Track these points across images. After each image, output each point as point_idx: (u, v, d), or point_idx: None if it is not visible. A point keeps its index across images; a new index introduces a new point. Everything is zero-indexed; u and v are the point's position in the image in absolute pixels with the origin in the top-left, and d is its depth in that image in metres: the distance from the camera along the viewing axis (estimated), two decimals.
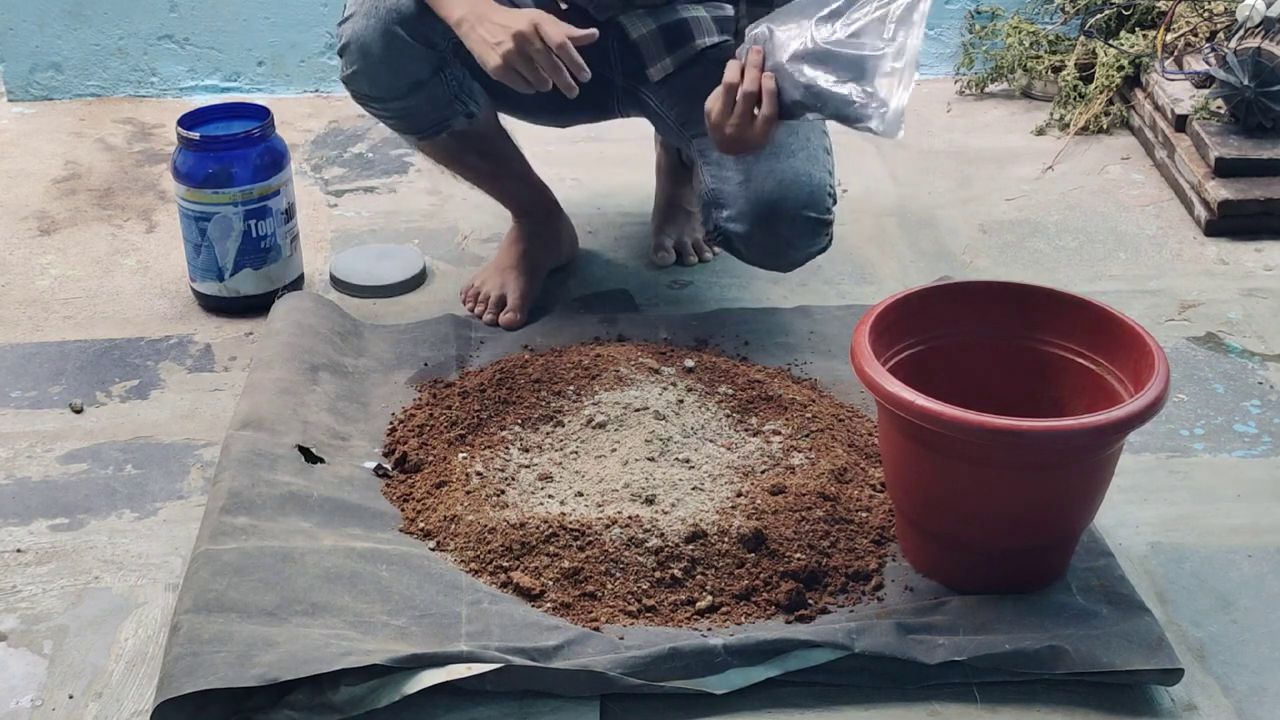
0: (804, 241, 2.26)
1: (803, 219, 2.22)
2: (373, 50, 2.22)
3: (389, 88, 2.26)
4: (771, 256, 2.30)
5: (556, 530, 1.87)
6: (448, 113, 2.32)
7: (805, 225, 2.23)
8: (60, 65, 3.40)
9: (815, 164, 2.25)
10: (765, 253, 2.29)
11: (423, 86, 2.27)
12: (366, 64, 2.24)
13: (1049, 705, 1.70)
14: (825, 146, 2.30)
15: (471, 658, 1.68)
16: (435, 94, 2.29)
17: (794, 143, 2.24)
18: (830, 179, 2.27)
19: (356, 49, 2.23)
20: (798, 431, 2.08)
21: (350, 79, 2.28)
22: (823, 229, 2.26)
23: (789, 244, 2.26)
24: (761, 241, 2.26)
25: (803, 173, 2.22)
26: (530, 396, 2.16)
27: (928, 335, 1.93)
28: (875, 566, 1.88)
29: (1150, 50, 3.14)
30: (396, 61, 2.22)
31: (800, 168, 2.22)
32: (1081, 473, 1.78)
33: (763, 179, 2.21)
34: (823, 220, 2.25)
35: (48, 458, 2.16)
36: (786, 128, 2.24)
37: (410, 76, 2.25)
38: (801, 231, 2.24)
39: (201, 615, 1.71)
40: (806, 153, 2.24)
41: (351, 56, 2.24)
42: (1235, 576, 1.92)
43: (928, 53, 3.50)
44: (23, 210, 2.90)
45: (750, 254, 2.30)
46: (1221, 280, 2.61)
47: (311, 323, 2.33)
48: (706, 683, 1.70)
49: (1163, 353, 1.79)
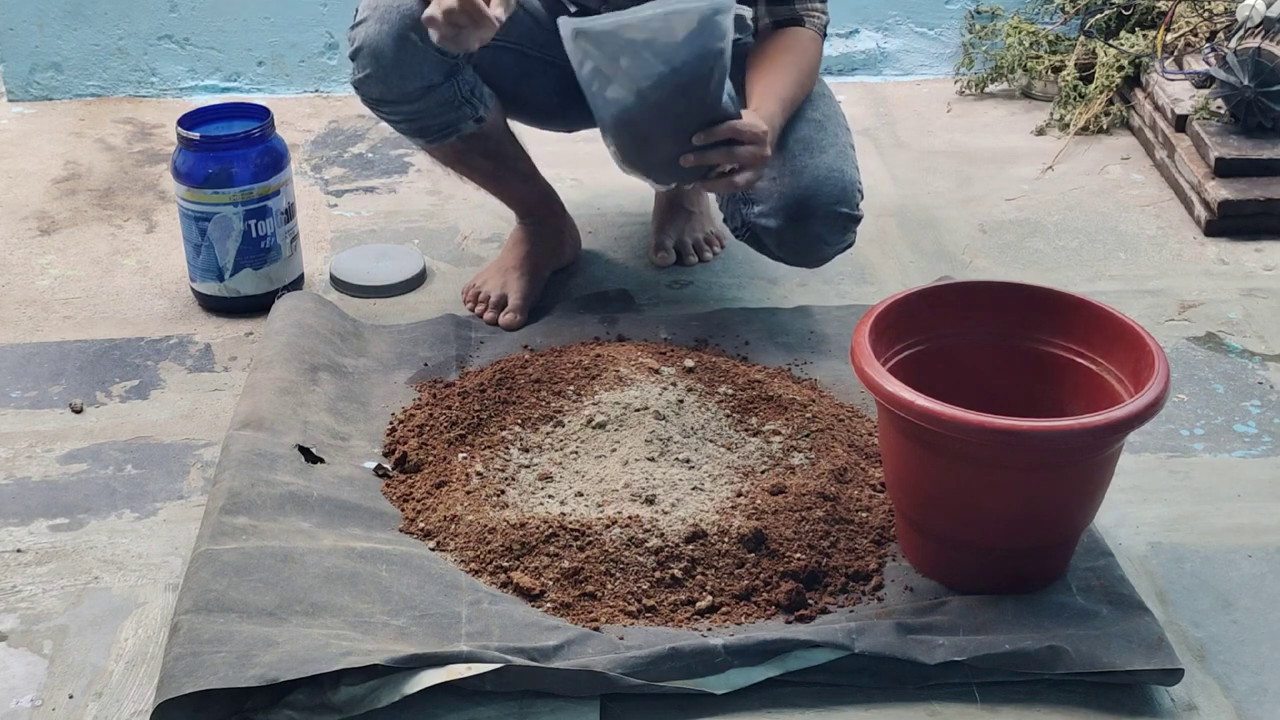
0: (835, 237, 2.28)
1: (835, 214, 2.24)
2: (385, 55, 2.21)
3: (401, 92, 2.26)
4: (801, 253, 2.32)
5: (556, 530, 1.87)
6: (457, 116, 2.32)
7: (837, 221, 2.25)
8: (60, 65, 3.40)
9: (845, 160, 2.27)
10: (796, 249, 2.30)
11: (434, 90, 2.27)
12: (379, 68, 2.23)
13: (1049, 705, 1.70)
14: (850, 144, 2.33)
15: (471, 658, 1.68)
16: (446, 98, 2.29)
17: (824, 139, 2.26)
18: (858, 175, 2.29)
19: (369, 53, 2.23)
20: (798, 431, 2.08)
21: (362, 83, 2.27)
22: (852, 224, 2.29)
23: (821, 240, 2.28)
24: (793, 238, 2.27)
25: (835, 168, 2.24)
26: (530, 396, 2.16)
27: (928, 335, 1.93)
28: (875, 566, 1.88)
29: (1150, 50, 3.14)
30: (409, 66, 2.22)
31: (833, 163, 2.24)
32: (1081, 473, 1.78)
33: (797, 175, 2.23)
34: (854, 216, 2.27)
35: (48, 458, 2.16)
36: (815, 124, 2.25)
37: (422, 80, 2.25)
38: (834, 227, 2.26)
39: (201, 615, 1.71)
40: (837, 149, 2.26)
41: (364, 61, 2.24)
42: (1235, 576, 1.92)
43: (928, 52, 3.50)
44: (23, 210, 2.90)
45: (781, 250, 2.31)
46: (1221, 280, 2.61)
47: (311, 323, 2.33)
48: (706, 683, 1.70)
49: (1163, 353, 1.79)
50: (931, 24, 3.49)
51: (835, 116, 2.33)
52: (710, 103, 1.98)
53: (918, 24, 3.50)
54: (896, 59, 3.51)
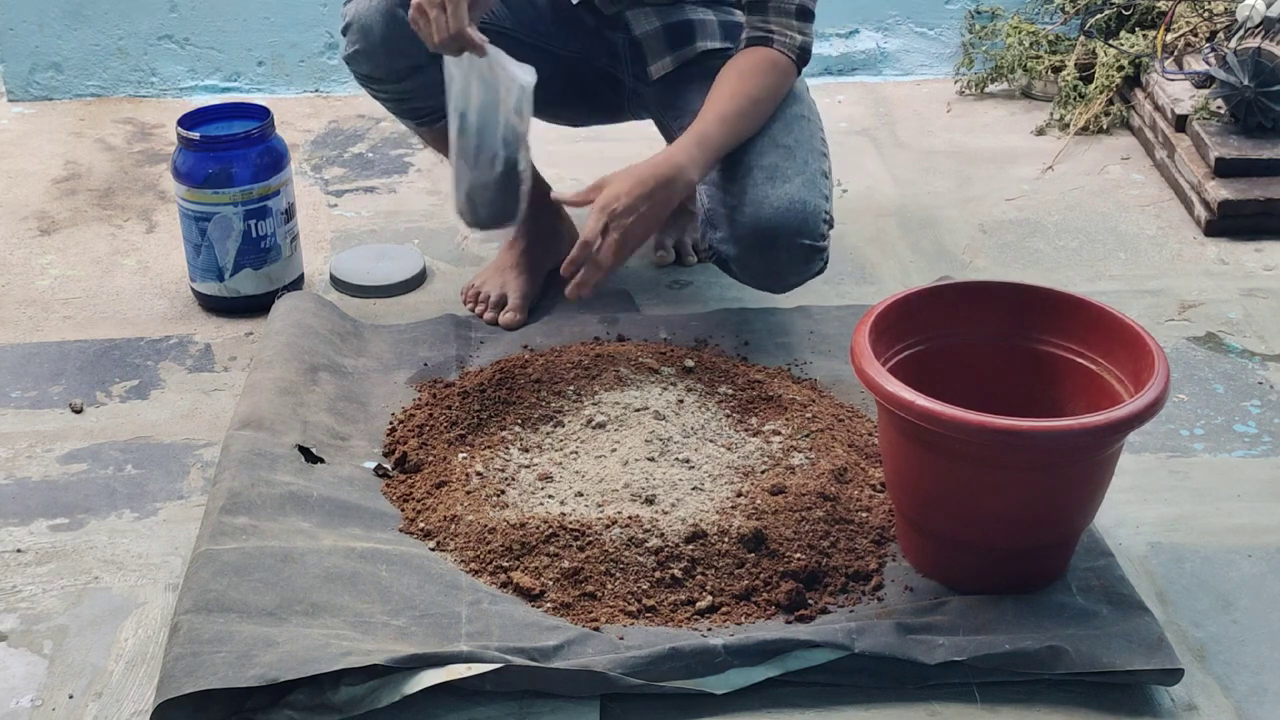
0: (797, 267, 2.26)
1: (796, 246, 2.21)
2: (374, 30, 2.23)
3: (389, 69, 2.27)
4: (764, 280, 2.30)
5: (556, 530, 1.87)
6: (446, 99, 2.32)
7: (799, 252, 2.22)
8: (60, 65, 3.40)
9: (812, 189, 2.23)
10: (758, 276, 2.29)
11: (421, 71, 2.27)
12: (367, 44, 2.25)
13: (1049, 705, 1.70)
14: (824, 170, 2.28)
15: (471, 658, 1.68)
16: (435, 79, 2.28)
17: (791, 167, 2.23)
18: (826, 204, 2.25)
19: (358, 28, 2.25)
20: (798, 431, 2.08)
21: (351, 58, 2.29)
22: (816, 255, 2.25)
23: (784, 269, 2.26)
24: (754, 266, 2.26)
25: (798, 199, 2.20)
26: (530, 396, 2.15)
27: (928, 335, 1.93)
28: (875, 566, 1.88)
29: (1150, 50, 3.14)
30: (397, 43, 2.23)
31: (796, 194, 2.20)
32: (1081, 473, 1.78)
33: (758, 204, 2.20)
34: (816, 247, 2.24)
35: (48, 458, 2.16)
36: (784, 150, 2.23)
37: (410, 59, 2.25)
38: (795, 258, 2.23)
39: (201, 615, 1.71)
40: (804, 178, 2.23)
41: (353, 36, 2.26)
42: (1235, 576, 1.92)
43: (928, 52, 3.50)
44: (23, 210, 2.90)
45: (743, 276, 2.30)
46: (1221, 280, 2.61)
47: (311, 323, 2.33)
48: (706, 683, 1.70)
49: (1163, 353, 1.79)
50: (931, 24, 3.49)
51: (809, 142, 2.28)
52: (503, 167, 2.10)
53: (918, 24, 3.50)
54: (896, 59, 3.51)
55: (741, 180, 2.21)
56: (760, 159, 2.23)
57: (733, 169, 2.24)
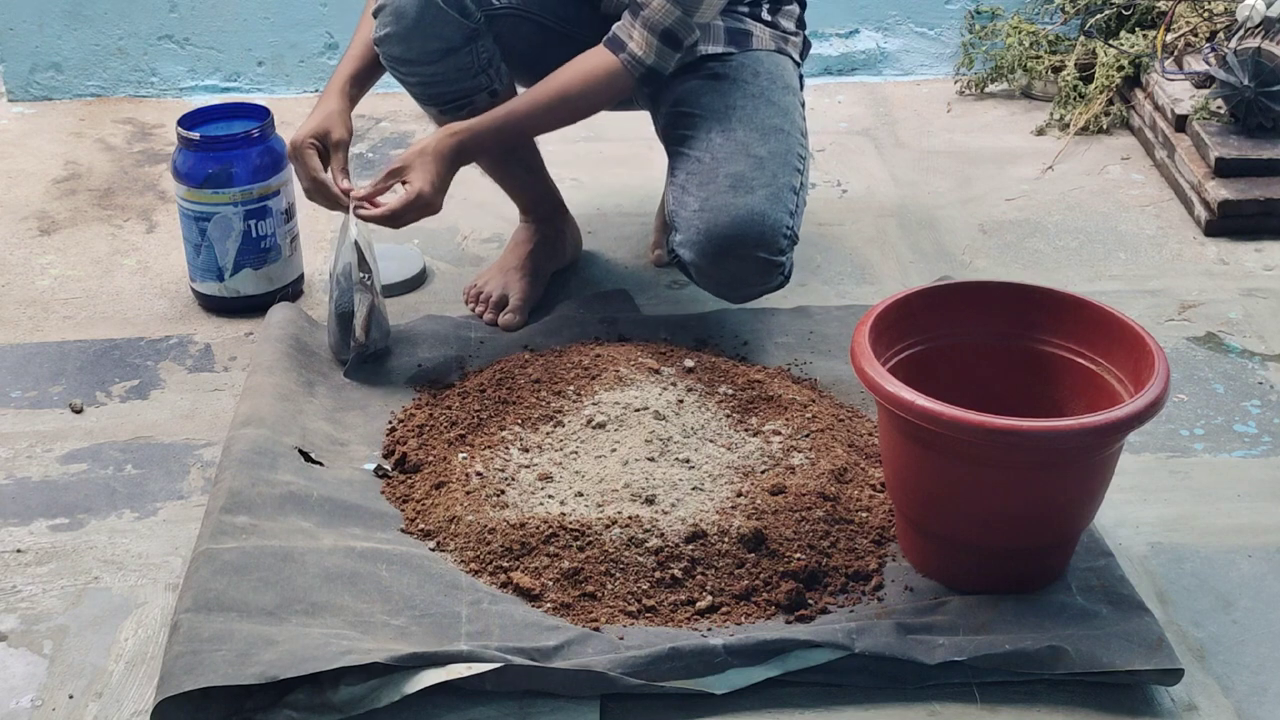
0: (754, 279, 2.24)
1: (753, 259, 2.20)
2: (408, 13, 2.23)
3: (421, 51, 2.27)
4: (720, 288, 2.29)
5: (556, 530, 1.87)
6: (473, 85, 2.32)
7: (755, 265, 2.21)
8: (60, 65, 3.40)
9: (775, 203, 2.20)
10: (714, 284, 2.28)
11: (454, 54, 2.27)
12: (401, 26, 2.24)
13: (1049, 705, 1.70)
14: (794, 185, 2.25)
15: (471, 657, 1.68)
16: (465, 64, 2.30)
17: (758, 178, 2.21)
18: (790, 219, 2.22)
19: (392, 11, 2.24)
20: (798, 431, 2.08)
21: (383, 40, 2.28)
22: (774, 269, 2.23)
23: (738, 280, 2.25)
24: (710, 273, 2.24)
25: (758, 211, 2.18)
26: (530, 396, 2.16)
27: (928, 335, 1.93)
28: (875, 566, 1.88)
29: (1150, 50, 3.14)
30: (430, 26, 2.23)
31: (758, 206, 2.18)
32: (1081, 473, 1.78)
33: (717, 213, 2.19)
34: (774, 262, 2.22)
35: (48, 458, 2.16)
36: (755, 160, 2.22)
37: (442, 42, 2.25)
38: (750, 270, 2.22)
39: (201, 614, 1.71)
40: (769, 190, 2.20)
41: (386, 18, 2.25)
42: (1235, 576, 1.92)
43: (928, 52, 3.50)
44: (23, 210, 2.90)
45: (700, 282, 2.29)
46: (1221, 280, 2.61)
47: (306, 341, 2.33)
48: (706, 683, 1.70)
49: (1163, 353, 1.79)
50: (931, 24, 3.49)
51: (783, 155, 2.25)
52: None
53: (918, 24, 3.50)
54: (896, 59, 3.51)
55: (706, 186, 2.21)
56: (728, 166, 2.21)
57: (700, 174, 2.23)
